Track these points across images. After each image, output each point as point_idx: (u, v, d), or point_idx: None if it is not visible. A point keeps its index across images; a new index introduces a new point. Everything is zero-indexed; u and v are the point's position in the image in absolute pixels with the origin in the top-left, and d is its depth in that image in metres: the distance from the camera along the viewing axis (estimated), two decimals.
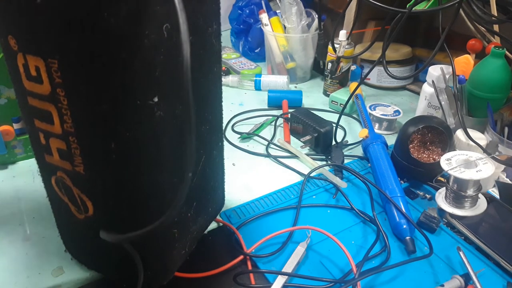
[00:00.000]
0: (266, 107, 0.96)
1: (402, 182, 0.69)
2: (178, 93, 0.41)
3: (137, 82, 0.35)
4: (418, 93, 0.92)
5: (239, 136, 0.84)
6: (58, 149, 0.41)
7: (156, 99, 0.37)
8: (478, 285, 0.49)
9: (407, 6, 0.75)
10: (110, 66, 0.34)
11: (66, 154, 0.41)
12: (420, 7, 0.76)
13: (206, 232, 0.58)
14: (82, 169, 0.41)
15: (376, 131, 0.86)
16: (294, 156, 0.77)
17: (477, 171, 0.58)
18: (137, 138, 0.38)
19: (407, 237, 0.56)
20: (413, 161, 0.68)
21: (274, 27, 1.07)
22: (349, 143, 0.82)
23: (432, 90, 0.79)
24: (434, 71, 0.79)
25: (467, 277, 0.51)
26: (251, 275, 0.52)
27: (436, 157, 0.69)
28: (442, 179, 0.66)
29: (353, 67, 1.02)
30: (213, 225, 0.60)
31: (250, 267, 0.54)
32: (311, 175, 0.70)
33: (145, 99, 0.36)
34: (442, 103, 0.75)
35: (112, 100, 0.36)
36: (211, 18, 0.44)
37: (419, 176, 0.69)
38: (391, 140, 0.79)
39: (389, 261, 0.54)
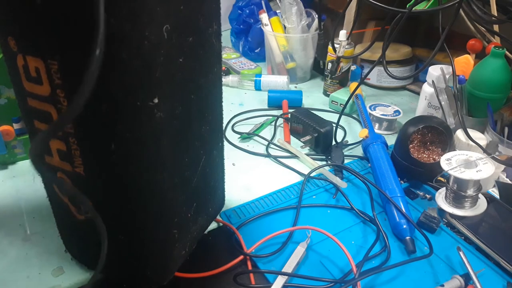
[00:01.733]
0: (266, 107, 0.96)
1: (402, 182, 0.69)
2: (178, 94, 0.41)
3: (137, 83, 0.35)
4: (418, 93, 0.92)
5: (239, 136, 0.84)
6: (58, 150, 0.41)
7: (156, 100, 0.37)
8: (478, 285, 0.49)
9: (407, 6, 0.75)
10: (110, 67, 0.34)
11: (66, 155, 0.41)
12: (420, 7, 0.76)
13: (206, 232, 0.58)
14: (82, 170, 0.41)
15: (376, 131, 0.86)
16: (294, 156, 0.77)
17: (477, 171, 0.58)
18: (137, 139, 0.38)
19: (407, 237, 0.56)
20: (413, 161, 0.68)
21: (274, 27, 1.07)
22: (349, 143, 0.82)
23: (432, 90, 0.79)
24: (434, 71, 0.79)
25: (467, 277, 0.51)
26: (251, 275, 0.52)
27: (436, 157, 0.69)
28: (442, 179, 0.66)
29: (353, 67, 1.02)
30: (213, 225, 0.60)
31: (250, 267, 0.54)
32: (311, 175, 0.70)
33: (145, 100, 0.36)
34: (442, 103, 0.75)
35: (112, 101, 0.36)
36: (212, 18, 0.44)
37: (419, 176, 0.69)
38: (391, 140, 0.79)
39: (389, 261, 0.54)
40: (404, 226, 0.58)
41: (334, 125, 0.80)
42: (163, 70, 0.37)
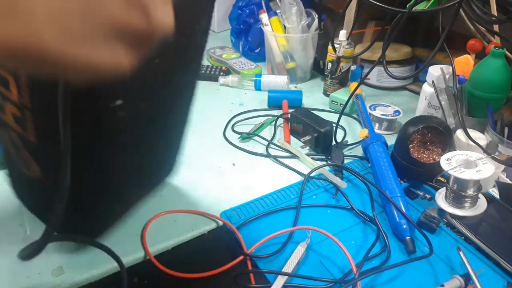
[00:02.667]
0: (266, 107, 0.96)
1: (402, 182, 0.69)
2: (142, 92, 0.40)
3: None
4: (418, 93, 0.92)
5: (239, 136, 0.84)
6: (12, 114, 0.41)
7: (119, 101, 0.36)
8: (478, 285, 0.49)
9: (407, 6, 0.75)
10: None
11: (20, 120, 0.40)
12: (420, 7, 0.76)
13: (206, 232, 0.58)
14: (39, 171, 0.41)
15: (376, 131, 0.86)
16: (294, 156, 0.77)
17: (477, 171, 0.58)
18: (96, 137, 0.38)
19: (407, 237, 0.56)
20: (413, 161, 0.68)
21: (274, 27, 1.07)
22: (349, 143, 0.82)
23: (432, 90, 0.79)
24: (434, 71, 0.79)
25: (467, 277, 0.51)
26: (251, 275, 0.52)
27: (436, 157, 0.69)
28: (442, 179, 0.66)
29: (353, 67, 1.02)
30: (213, 225, 0.60)
31: (250, 267, 0.54)
32: (311, 175, 0.70)
33: (107, 101, 0.36)
34: (442, 103, 0.75)
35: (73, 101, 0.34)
36: (199, 14, 0.43)
37: (419, 176, 0.69)
38: (391, 140, 0.79)
39: (389, 261, 0.54)
40: (404, 226, 0.58)
41: (334, 125, 0.80)
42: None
